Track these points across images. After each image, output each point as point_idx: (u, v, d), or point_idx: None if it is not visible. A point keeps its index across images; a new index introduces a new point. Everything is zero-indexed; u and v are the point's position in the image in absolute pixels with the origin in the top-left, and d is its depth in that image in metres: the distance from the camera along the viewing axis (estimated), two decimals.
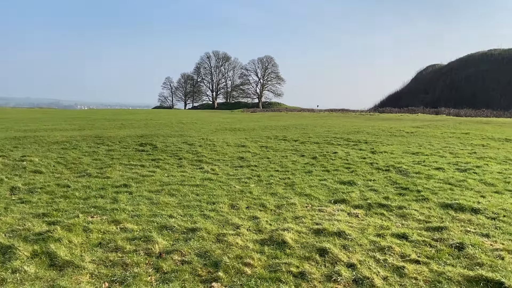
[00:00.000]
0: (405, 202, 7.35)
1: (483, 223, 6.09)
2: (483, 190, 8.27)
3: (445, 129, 22.78)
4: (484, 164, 11.29)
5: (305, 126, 25.80)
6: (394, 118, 37.17)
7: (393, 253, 4.87)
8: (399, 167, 10.76)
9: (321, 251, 4.92)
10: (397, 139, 17.83)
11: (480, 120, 30.21)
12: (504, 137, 19.13)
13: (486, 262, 4.61)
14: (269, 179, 9.34)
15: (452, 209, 6.85)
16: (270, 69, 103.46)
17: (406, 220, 6.32)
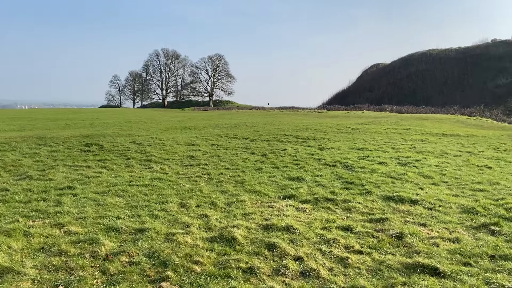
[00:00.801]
0: (350, 195, 7.65)
1: (421, 213, 6.50)
2: (422, 182, 8.81)
3: (388, 125, 23.92)
4: (423, 158, 12.01)
5: (256, 124, 26.02)
6: (341, 115, 38.44)
7: (338, 245, 5.08)
8: (345, 162, 11.17)
9: (269, 246, 5.02)
10: (343, 136, 18.47)
11: (420, 116, 32.03)
12: (441, 132, 20.44)
13: (423, 249, 4.94)
14: (220, 177, 9.35)
15: (393, 201, 7.23)
16: (221, 67, 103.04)
17: (350, 213, 6.59)
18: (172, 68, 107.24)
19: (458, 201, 7.14)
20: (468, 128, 24.35)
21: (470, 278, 4.14)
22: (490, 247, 4.98)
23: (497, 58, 55.56)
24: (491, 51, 58.02)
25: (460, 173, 9.86)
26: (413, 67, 65.36)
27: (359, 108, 48.80)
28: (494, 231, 5.59)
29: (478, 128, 24.50)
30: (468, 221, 6.10)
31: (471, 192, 7.90)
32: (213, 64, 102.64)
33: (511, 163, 11.51)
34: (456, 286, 3.97)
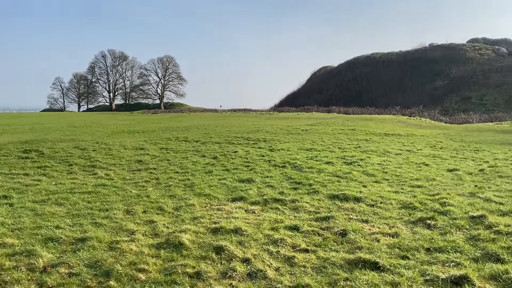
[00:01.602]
0: (298, 195, 7.82)
1: (364, 210, 6.77)
2: (365, 181, 9.18)
3: (335, 126, 24.70)
4: (367, 157, 12.52)
5: (207, 127, 25.85)
6: (292, 117, 39.17)
7: (285, 245, 5.17)
8: (294, 163, 11.40)
9: (217, 249, 5.01)
10: (293, 137, 18.83)
11: (364, 117, 33.37)
12: (384, 132, 21.43)
13: (365, 245, 5.14)
14: (168, 182, 9.19)
15: (338, 199, 7.48)
16: (171, 69, 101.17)
17: (298, 213, 6.73)
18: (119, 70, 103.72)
19: (398, 197, 7.52)
20: (408, 127, 25.71)
21: (408, 270, 4.36)
22: (426, 240, 5.28)
23: (434, 61, 59.21)
24: (429, 55, 61.75)
25: (400, 170, 10.38)
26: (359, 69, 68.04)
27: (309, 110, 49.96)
28: (430, 225, 5.94)
29: (417, 128, 25.94)
30: (407, 216, 6.43)
31: (410, 189, 8.35)
32: (163, 66, 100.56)
33: (446, 160, 12.29)
34: (394, 279, 4.17)
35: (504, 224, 5.81)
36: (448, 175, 9.83)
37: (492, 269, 4.33)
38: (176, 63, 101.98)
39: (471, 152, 14.13)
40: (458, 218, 6.20)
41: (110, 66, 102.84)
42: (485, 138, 19.62)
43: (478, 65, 55.29)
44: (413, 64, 61.33)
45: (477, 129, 25.45)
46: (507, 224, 5.80)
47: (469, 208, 6.75)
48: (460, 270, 4.28)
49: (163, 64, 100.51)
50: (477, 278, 4.14)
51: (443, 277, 4.17)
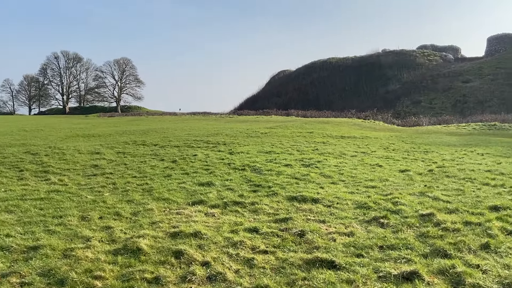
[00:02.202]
0: (257, 198, 7.90)
1: (321, 211, 6.96)
2: (322, 182, 9.43)
3: (294, 129, 25.12)
4: (324, 159, 12.85)
5: (166, 130, 25.46)
6: (251, 120, 39.39)
7: (245, 247, 5.22)
8: (254, 165, 11.49)
9: (177, 253, 4.97)
10: (253, 140, 18.96)
11: (322, 120, 34.17)
12: (340, 134, 22.07)
13: (322, 245, 5.30)
14: (126, 186, 8.99)
15: (297, 201, 7.64)
16: (128, 71, 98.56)
17: (258, 215, 6.81)
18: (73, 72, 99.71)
19: (353, 198, 7.79)
20: (363, 130, 26.62)
21: (362, 268, 4.55)
22: (379, 238, 5.52)
23: (387, 66, 61.69)
24: (382, 60, 64.25)
25: (356, 172, 10.75)
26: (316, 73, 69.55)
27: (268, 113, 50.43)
28: (383, 223, 6.21)
29: (372, 130, 26.91)
30: (362, 215, 6.69)
31: (365, 189, 8.67)
32: (119, 68, 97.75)
33: (398, 161, 12.86)
34: (350, 277, 4.34)
35: (451, 221, 6.18)
36: (400, 176, 10.29)
37: (440, 264, 4.60)
38: (134, 65, 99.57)
39: (421, 154, 14.86)
40: (409, 216, 6.52)
41: (64, 67, 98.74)
42: (434, 140, 20.70)
43: (427, 70, 58.20)
44: (367, 69, 63.55)
45: (427, 131, 26.78)
46: (453, 221, 6.17)
47: (419, 206, 7.12)
48: (410, 266, 4.52)
49: (120, 66, 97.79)
50: (426, 273, 4.39)
51: (395, 273, 4.38)
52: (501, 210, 6.81)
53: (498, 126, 28.92)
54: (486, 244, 5.16)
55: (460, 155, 14.55)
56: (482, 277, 4.25)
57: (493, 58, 56.46)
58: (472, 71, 52.98)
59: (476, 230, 5.76)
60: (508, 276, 4.25)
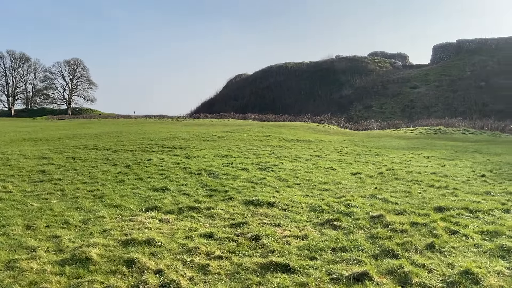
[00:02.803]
0: (213, 203, 7.84)
1: (276, 215, 7.03)
2: (278, 186, 9.53)
3: (250, 133, 25.25)
4: (280, 163, 13.01)
5: (120, 134, 24.73)
6: (208, 123, 39.16)
7: (199, 253, 5.16)
8: (210, 170, 11.41)
9: (128, 262, 4.83)
10: (209, 144, 18.84)
11: (278, 124, 34.62)
12: (296, 138, 22.45)
13: (277, 248, 5.34)
14: (75, 193, 8.62)
15: (252, 205, 7.66)
16: (79, 72, 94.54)
17: (213, 220, 6.76)
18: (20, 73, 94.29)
19: (308, 201, 7.93)
20: (317, 134, 27.25)
21: (315, 270, 4.63)
22: (332, 240, 5.65)
23: (340, 72, 63.60)
24: (336, 66, 66.16)
25: (310, 175, 10.96)
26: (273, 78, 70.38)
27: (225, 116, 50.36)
28: (336, 225, 6.37)
29: (326, 134, 27.62)
30: (315, 218, 6.82)
31: (319, 192, 8.86)
32: (70, 69, 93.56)
33: (351, 164, 13.27)
34: (303, 280, 4.40)
35: (399, 222, 6.45)
36: (352, 179, 10.61)
37: (388, 264, 4.78)
38: (85, 66, 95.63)
39: (372, 157, 15.43)
40: (360, 218, 6.74)
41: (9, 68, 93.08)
42: (384, 143, 21.57)
43: (378, 76, 60.60)
44: (322, 74, 65.17)
45: (378, 135, 27.86)
46: (401, 222, 6.45)
47: (369, 208, 7.37)
48: (361, 267, 4.66)
49: (71, 67, 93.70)
50: (376, 274, 4.54)
51: (346, 274, 4.50)
52: (445, 211, 7.20)
53: (443, 130, 30.64)
54: (431, 244, 5.43)
55: (408, 158, 15.25)
56: (427, 276, 4.47)
57: (438, 66, 59.78)
58: (419, 78, 55.80)
59: (422, 231, 6.05)
60: (451, 274, 4.49)
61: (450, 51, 62.75)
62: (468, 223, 6.48)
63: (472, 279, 4.34)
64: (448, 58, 61.97)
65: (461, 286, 4.23)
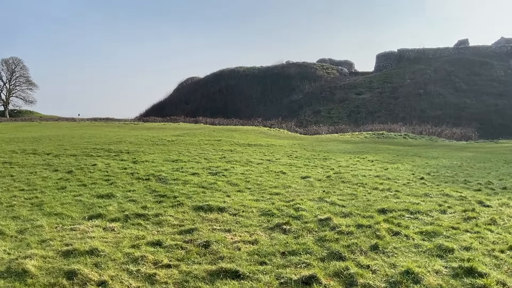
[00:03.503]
0: (162, 209, 7.64)
1: (227, 220, 6.98)
2: (229, 190, 9.48)
3: (201, 137, 25.01)
4: (231, 167, 12.97)
5: (62, 137, 23.49)
6: (158, 127, 38.29)
7: (146, 262, 4.99)
8: (159, 175, 11.13)
9: (69, 274, 4.57)
10: (159, 148, 18.41)
11: (230, 128, 34.61)
12: (247, 142, 22.54)
13: (227, 254, 5.30)
14: (11, 201, 8.04)
15: (203, 210, 7.56)
16: (18, 72, 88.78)
17: (162, 227, 6.58)
18: None
19: (259, 205, 7.96)
20: (269, 138, 27.55)
21: (265, 275, 4.64)
22: (281, 244, 5.70)
23: (290, 77, 64.94)
24: (286, 71, 67.46)
25: (261, 179, 11.03)
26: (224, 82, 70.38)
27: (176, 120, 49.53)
28: (285, 229, 6.44)
29: (277, 138, 27.99)
30: (266, 222, 6.86)
31: (269, 196, 8.93)
32: (8, 69, 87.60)
33: (300, 168, 13.52)
34: (253, 285, 4.40)
35: (345, 224, 6.65)
36: (302, 182, 10.81)
37: (335, 266, 4.90)
38: (25, 66, 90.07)
39: (320, 161, 15.83)
40: (309, 221, 6.86)
41: None
42: (331, 147, 22.23)
43: (326, 82, 62.52)
44: (272, 79, 66.15)
45: (326, 139, 28.68)
46: (347, 225, 6.65)
47: (318, 211, 7.54)
48: (309, 270, 4.74)
49: (9, 66, 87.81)
50: (323, 276, 4.63)
51: (295, 278, 4.55)
52: (387, 213, 7.52)
53: (386, 135, 32.15)
54: (375, 245, 5.64)
55: (354, 162, 15.81)
56: (372, 277, 4.63)
57: (381, 73, 62.76)
58: (364, 85, 58.26)
59: (367, 232, 6.27)
60: (394, 274, 4.69)
61: (392, 59, 66.16)
62: (409, 224, 6.82)
63: (412, 278, 4.55)
64: (390, 66, 65.29)
65: (402, 285, 4.43)
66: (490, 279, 4.55)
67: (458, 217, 7.48)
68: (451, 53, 61.07)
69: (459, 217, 7.44)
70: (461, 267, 4.88)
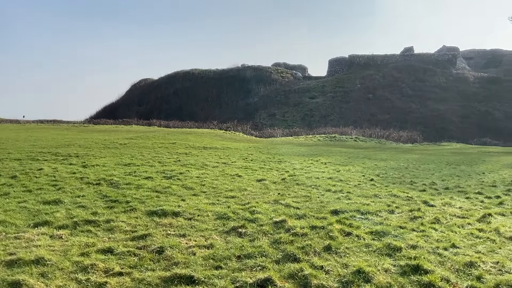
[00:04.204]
0: (113, 215, 7.40)
1: (182, 225, 6.88)
2: (184, 194, 9.36)
3: (155, 140, 24.50)
4: (186, 171, 12.81)
5: (5, 141, 22.08)
6: (110, 129, 37.05)
7: (96, 270, 4.81)
8: (111, 179, 10.77)
9: (13, 285, 4.31)
10: (110, 151, 17.82)
11: (185, 131, 34.18)
12: (202, 145, 22.37)
13: (181, 260, 5.22)
14: None
15: (157, 215, 7.40)
16: None
17: (113, 233, 6.37)
18: None
19: (214, 209, 7.92)
20: (224, 141, 27.50)
21: (220, 280, 4.63)
22: (237, 248, 5.71)
23: (246, 80, 65.19)
24: (241, 74, 67.66)
25: (217, 182, 10.99)
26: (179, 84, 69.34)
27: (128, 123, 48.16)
28: (241, 233, 6.46)
29: (232, 141, 28.01)
30: (221, 226, 6.84)
31: (225, 199, 8.91)
32: None
33: (256, 171, 13.61)
34: None
35: (300, 226, 6.78)
36: (257, 185, 10.89)
37: (290, 268, 4.97)
38: None
39: (275, 163, 16.03)
40: (264, 224, 6.93)
41: None
42: (286, 150, 22.58)
43: (280, 86, 63.39)
44: (228, 81, 66.09)
45: (281, 142, 29.08)
46: (302, 226, 6.78)
47: (273, 214, 7.62)
48: (264, 273, 4.78)
49: None
50: (279, 279, 4.69)
51: (250, 282, 4.57)
52: (340, 214, 7.76)
53: (338, 138, 33.14)
54: (328, 246, 5.79)
55: (308, 164, 16.16)
56: (325, 278, 4.75)
57: (333, 78, 64.60)
58: (317, 89, 59.71)
59: (320, 233, 6.43)
60: (346, 274, 4.84)
61: (344, 65, 68.33)
62: (360, 224, 7.07)
63: (364, 277, 4.73)
64: (341, 71, 67.39)
65: (354, 285, 4.58)
66: (435, 276, 4.82)
67: (405, 216, 7.86)
68: (398, 59, 64.05)
69: (406, 217, 7.82)
70: (408, 265, 5.13)
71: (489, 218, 7.81)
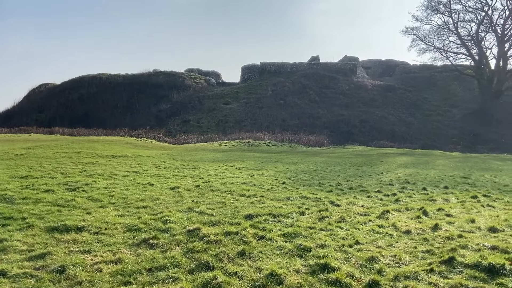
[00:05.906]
0: (7, 233, 6.64)
1: (87, 240, 6.41)
2: (90, 207, 8.75)
3: (58, 149, 22.62)
4: (93, 181, 12.00)
5: None
6: (3, 139, 33.29)
7: None
8: (4, 194, 9.67)
9: None
10: (4, 163, 16.03)
11: (92, 139, 32.08)
12: (111, 154, 21.20)
13: (85, 278, 4.85)
14: None
15: (58, 231, 6.80)
16: None
17: (6, 254, 5.71)
18: None
19: (123, 221, 7.52)
20: (135, 149, 26.39)
21: None
22: (148, 261, 5.47)
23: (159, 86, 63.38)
24: (153, 79, 65.64)
25: (127, 192, 10.47)
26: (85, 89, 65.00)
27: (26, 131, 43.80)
28: (152, 244, 6.21)
29: (144, 149, 26.99)
30: (131, 239, 6.51)
31: (136, 210, 8.52)
32: None
33: (169, 178, 13.26)
34: None
35: (214, 233, 6.73)
36: (171, 193, 10.61)
37: (204, 277, 4.90)
38: None
39: (190, 170, 15.78)
40: (177, 233, 6.75)
41: None
42: (201, 156, 22.39)
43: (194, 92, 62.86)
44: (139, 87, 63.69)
45: (195, 148, 28.76)
46: (216, 233, 6.74)
47: (187, 222, 7.47)
48: (177, 285, 4.65)
49: None
50: None
51: None
52: (254, 218, 7.88)
53: (252, 143, 33.80)
54: (242, 251, 5.83)
55: (222, 170, 16.19)
56: (238, 284, 4.76)
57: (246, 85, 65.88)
58: (231, 95, 60.39)
59: (234, 239, 6.45)
60: (259, 278, 4.91)
61: (256, 72, 70.16)
62: (273, 227, 7.25)
63: (276, 280, 4.83)
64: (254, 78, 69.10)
65: None
66: (341, 273, 5.10)
67: (315, 217, 8.25)
68: (306, 68, 67.62)
69: (315, 217, 8.21)
70: (317, 264, 5.37)
71: (387, 214, 8.54)
